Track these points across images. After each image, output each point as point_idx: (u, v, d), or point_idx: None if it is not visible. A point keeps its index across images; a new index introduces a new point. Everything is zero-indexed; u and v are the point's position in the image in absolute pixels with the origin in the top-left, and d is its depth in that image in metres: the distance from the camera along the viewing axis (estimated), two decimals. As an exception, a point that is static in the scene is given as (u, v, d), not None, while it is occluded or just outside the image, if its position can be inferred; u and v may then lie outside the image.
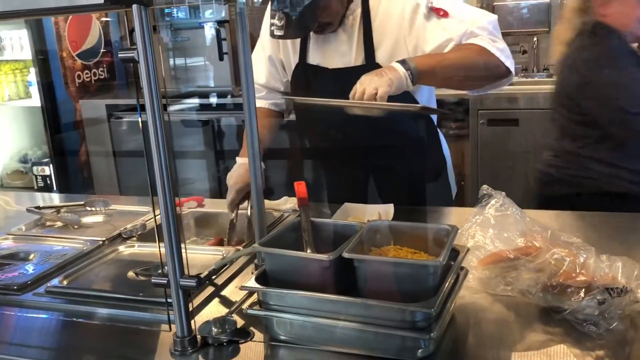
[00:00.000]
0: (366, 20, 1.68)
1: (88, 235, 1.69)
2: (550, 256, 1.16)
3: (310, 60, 1.78)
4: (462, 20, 1.61)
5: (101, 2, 0.94)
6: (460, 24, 1.61)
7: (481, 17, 1.64)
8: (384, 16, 1.67)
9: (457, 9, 1.64)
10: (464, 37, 1.60)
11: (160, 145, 1.01)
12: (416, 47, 1.64)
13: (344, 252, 1.03)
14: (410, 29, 1.64)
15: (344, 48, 1.73)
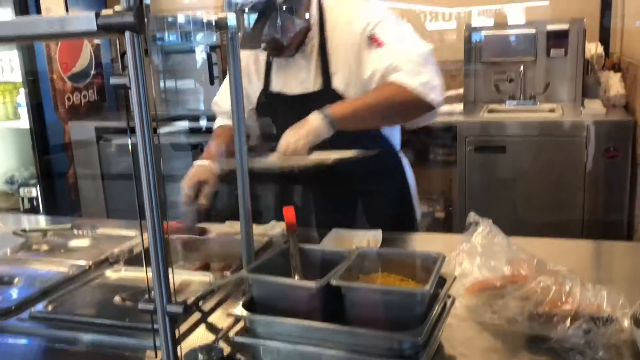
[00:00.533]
0: (323, 47, 1.77)
1: (74, 259, 1.67)
2: (537, 284, 1.17)
3: (272, 87, 1.87)
4: (394, 51, 1.65)
5: (94, 29, 0.95)
6: (389, 55, 1.65)
7: (413, 48, 1.68)
8: (339, 43, 1.75)
9: (394, 38, 1.68)
10: (389, 69, 1.64)
11: (150, 168, 1.01)
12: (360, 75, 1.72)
13: (332, 280, 1.03)
14: (356, 56, 1.72)
15: (303, 74, 1.81)
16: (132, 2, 0.93)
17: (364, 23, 1.71)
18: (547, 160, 3.06)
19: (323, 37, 1.77)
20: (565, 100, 3.49)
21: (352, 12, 1.77)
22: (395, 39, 1.67)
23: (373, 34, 1.68)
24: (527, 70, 3.52)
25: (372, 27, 1.69)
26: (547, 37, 3.47)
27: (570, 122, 3.04)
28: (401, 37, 1.70)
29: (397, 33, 1.70)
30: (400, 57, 1.64)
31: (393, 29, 1.70)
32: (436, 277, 1.05)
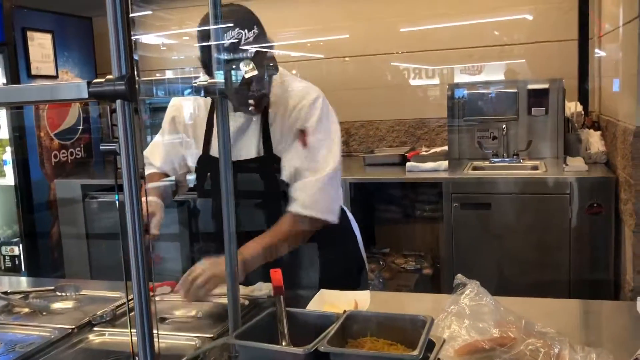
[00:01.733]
0: (265, 115, 1.84)
1: (57, 323, 1.64)
2: (525, 347, 1.17)
3: (212, 152, 1.90)
4: (309, 159, 1.79)
5: (85, 97, 0.97)
6: (304, 161, 1.79)
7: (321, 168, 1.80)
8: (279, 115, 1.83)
9: (317, 144, 1.81)
10: (297, 175, 1.80)
11: (138, 229, 1.01)
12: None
13: (321, 346, 1.02)
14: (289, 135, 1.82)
15: (245, 140, 1.86)
16: (124, 71, 0.95)
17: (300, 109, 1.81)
18: (532, 216, 3.09)
19: (267, 107, 1.84)
20: (547, 157, 3.55)
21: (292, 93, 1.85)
22: (317, 145, 1.81)
23: (304, 129, 1.80)
24: (510, 128, 3.60)
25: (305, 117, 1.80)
26: (528, 96, 3.56)
27: (553, 179, 3.09)
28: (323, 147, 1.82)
29: (321, 138, 1.82)
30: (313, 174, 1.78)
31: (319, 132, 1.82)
32: (425, 341, 1.05)
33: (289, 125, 1.82)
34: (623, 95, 2.78)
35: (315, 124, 1.82)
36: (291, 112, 1.83)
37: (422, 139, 4.12)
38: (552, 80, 3.51)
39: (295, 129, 1.82)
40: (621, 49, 2.84)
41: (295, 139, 1.82)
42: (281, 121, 1.83)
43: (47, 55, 4.07)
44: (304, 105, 1.83)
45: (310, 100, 1.84)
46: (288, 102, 1.85)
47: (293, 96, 1.85)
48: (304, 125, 1.81)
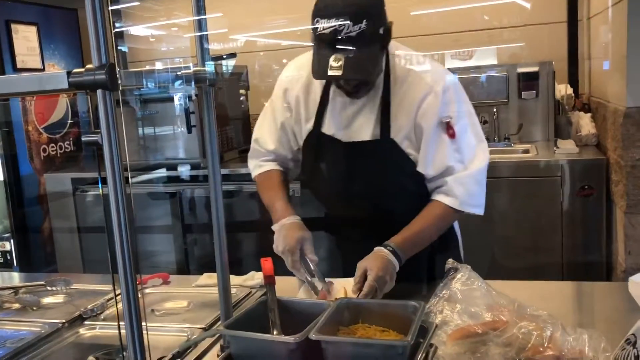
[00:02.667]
0: (386, 95, 1.69)
1: (47, 317, 1.63)
2: (518, 330, 1.16)
3: (325, 130, 1.76)
4: (458, 151, 1.67)
5: (65, 87, 0.94)
6: (454, 155, 1.66)
7: (473, 160, 1.68)
8: (404, 98, 1.68)
9: (465, 134, 1.68)
10: (448, 171, 1.67)
11: (123, 221, 0.99)
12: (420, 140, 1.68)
13: (311, 334, 1.01)
14: (421, 121, 1.66)
15: (361, 120, 1.72)
16: (104, 60, 0.93)
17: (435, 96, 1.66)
18: (524, 200, 3.09)
19: (387, 86, 1.69)
20: (538, 140, 3.55)
21: (421, 72, 1.71)
22: (466, 136, 1.68)
23: (449, 120, 1.66)
24: (500, 112, 3.59)
25: (445, 107, 1.66)
26: (518, 79, 3.55)
27: (545, 162, 3.09)
28: (469, 136, 1.70)
29: (467, 127, 1.69)
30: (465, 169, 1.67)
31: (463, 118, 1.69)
32: (417, 327, 1.04)
33: (420, 113, 1.66)
34: (613, 77, 2.78)
35: (457, 111, 1.67)
36: (421, 98, 1.66)
37: (413, 125, 4.11)
38: (542, 64, 3.50)
39: (436, 118, 1.65)
40: (610, 30, 2.83)
41: (439, 130, 1.66)
42: (408, 107, 1.67)
43: (33, 48, 4.02)
44: (439, 92, 1.66)
45: (444, 87, 1.67)
46: (416, 85, 1.68)
47: (423, 80, 1.68)
48: (445, 116, 1.65)
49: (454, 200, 1.67)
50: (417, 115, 1.66)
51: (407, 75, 1.69)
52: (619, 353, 1.07)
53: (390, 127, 1.69)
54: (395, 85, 1.69)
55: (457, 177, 1.67)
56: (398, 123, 1.68)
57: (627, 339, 1.07)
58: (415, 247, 1.64)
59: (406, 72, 1.70)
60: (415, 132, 1.68)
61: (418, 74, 1.70)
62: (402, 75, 1.69)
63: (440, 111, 1.65)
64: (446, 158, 1.67)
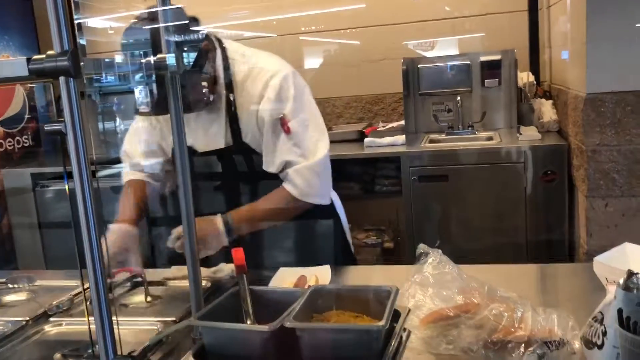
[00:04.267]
0: (230, 103, 1.76)
1: (10, 315, 1.58)
2: (489, 312, 1.18)
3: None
4: (297, 145, 1.74)
5: (25, 74, 0.91)
6: (292, 150, 1.74)
7: (313, 152, 1.77)
8: (244, 102, 1.75)
9: (302, 130, 1.75)
10: (288, 165, 1.76)
11: (90, 214, 0.97)
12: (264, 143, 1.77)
13: (286, 322, 1.01)
14: (261, 122, 1.75)
15: (213, 129, 1.79)
16: (67, 46, 0.90)
17: (270, 92, 1.73)
18: (489, 186, 3.14)
19: (231, 91, 1.76)
20: (502, 127, 3.61)
21: (257, 73, 1.76)
22: (302, 131, 1.76)
23: (283, 116, 1.72)
24: (464, 100, 3.63)
25: (279, 103, 1.73)
26: (481, 68, 3.59)
27: (508, 149, 3.14)
28: (308, 131, 1.78)
29: (304, 123, 1.77)
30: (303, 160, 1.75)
31: (300, 112, 1.76)
32: (391, 311, 1.04)
33: (260, 110, 1.73)
34: (573, 64, 2.83)
35: (293, 106, 1.73)
36: (259, 96, 1.72)
37: (378, 114, 4.13)
38: (504, 52, 3.55)
39: (269, 115, 1.72)
40: (569, 20, 2.88)
41: (273, 127, 1.72)
42: (248, 106, 1.74)
43: (-14, 39, 3.88)
44: (274, 87, 1.72)
45: (280, 80, 1.73)
46: (254, 84, 1.74)
47: (259, 78, 1.74)
48: (280, 112, 1.71)
49: (295, 190, 1.76)
50: (257, 119, 1.75)
51: (247, 78, 1.76)
52: (587, 330, 1.10)
53: (242, 131, 1.76)
54: (237, 90, 1.76)
55: (297, 168, 1.75)
56: (246, 128, 1.77)
57: (594, 317, 1.09)
58: (250, 222, 1.76)
59: (245, 75, 1.77)
60: (261, 134, 1.76)
61: (254, 76, 1.76)
62: (241, 79, 1.76)
63: (273, 109, 1.73)
64: (284, 153, 1.74)
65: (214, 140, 1.79)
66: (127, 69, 1.32)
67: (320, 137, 1.79)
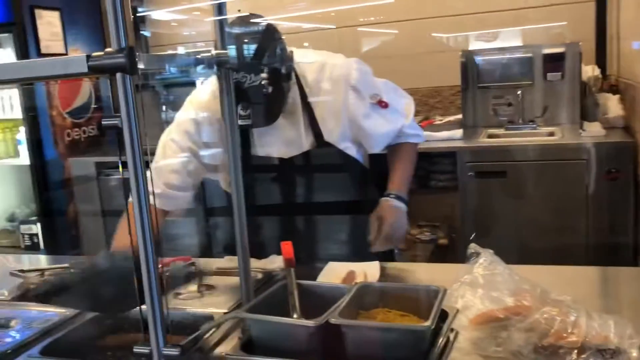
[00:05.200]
0: (307, 105, 1.77)
1: (72, 300, 1.65)
2: (541, 315, 1.15)
3: (256, 152, 1.82)
4: (396, 112, 1.88)
5: (85, 71, 0.95)
6: (396, 115, 1.87)
7: (405, 104, 1.92)
8: (325, 104, 1.78)
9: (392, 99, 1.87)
10: (402, 129, 1.89)
11: (144, 204, 1.00)
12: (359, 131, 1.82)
13: (331, 318, 1.01)
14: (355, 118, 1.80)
15: (292, 134, 1.78)
16: (123, 44, 0.93)
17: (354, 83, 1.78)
18: (549, 183, 3.04)
19: (304, 97, 1.77)
20: (564, 123, 3.48)
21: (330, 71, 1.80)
22: (390, 96, 1.87)
23: (377, 97, 1.82)
24: (525, 94, 3.53)
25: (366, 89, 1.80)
26: (544, 61, 3.48)
27: (570, 145, 3.03)
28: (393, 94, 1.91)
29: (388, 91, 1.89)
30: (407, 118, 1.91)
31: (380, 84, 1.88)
32: (437, 311, 1.03)
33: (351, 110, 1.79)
34: (642, 57, 2.70)
35: (376, 84, 1.86)
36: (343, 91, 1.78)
37: (435, 107, 4.06)
38: (568, 44, 3.42)
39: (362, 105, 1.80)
40: (641, 9, 2.75)
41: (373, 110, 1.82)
42: (331, 105, 1.78)
43: (56, 33, 4.05)
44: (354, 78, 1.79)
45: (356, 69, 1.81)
46: (331, 82, 1.78)
47: (334, 74, 1.79)
48: (374, 95, 1.82)
49: (417, 138, 1.94)
50: (349, 114, 1.79)
51: (319, 78, 1.78)
52: (646, 339, 1.05)
53: (322, 132, 1.78)
54: (311, 93, 1.77)
55: (407, 124, 1.89)
56: (329, 127, 1.78)
57: (653, 325, 1.05)
58: (408, 185, 1.86)
59: (316, 75, 1.78)
60: (352, 128, 1.81)
61: (328, 74, 1.79)
62: (313, 82, 1.78)
63: (367, 99, 1.80)
64: (393, 124, 1.85)
65: (295, 146, 1.80)
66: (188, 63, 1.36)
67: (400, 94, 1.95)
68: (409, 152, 1.93)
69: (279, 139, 1.79)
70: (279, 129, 1.77)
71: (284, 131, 1.78)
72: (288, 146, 1.80)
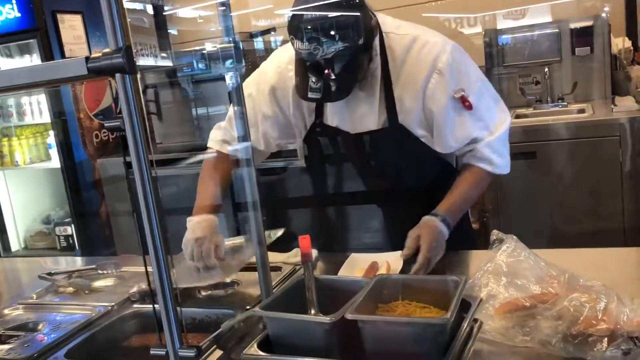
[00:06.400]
0: (387, 81, 1.61)
1: (99, 301, 1.67)
2: (569, 302, 1.10)
3: (329, 122, 1.71)
4: (481, 119, 1.63)
5: (85, 73, 0.94)
6: (476, 125, 1.62)
7: (498, 119, 1.65)
8: (407, 79, 1.61)
9: (482, 102, 1.62)
10: (474, 141, 1.64)
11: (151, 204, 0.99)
12: (432, 121, 1.63)
13: (347, 313, 0.99)
14: (431, 105, 1.61)
15: (364, 109, 1.65)
16: (120, 43, 0.91)
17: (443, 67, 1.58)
18: (581, 162, 2.95)
19: (386, 71, 1.61)
20: (594, 99, 3.37)
21: (421, 47, 1.61)
22: (483, 104, 1.63)
23: (462, 93, 1.59)
24: (553, 71, 3.43)
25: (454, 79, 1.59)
26: (571, 35, 3.37)
27: (602, 122, 2.93)
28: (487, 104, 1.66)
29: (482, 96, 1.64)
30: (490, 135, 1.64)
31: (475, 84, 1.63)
32: (457, 303, 1.00)
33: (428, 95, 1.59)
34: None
35: (469, 80, 1.61)
36: (428, 73, 1.58)
37: (461, 90, 3.97)
38: (595, 17, 3.30)
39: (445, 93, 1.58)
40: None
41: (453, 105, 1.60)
42: (413, 84, 1.60)
43: (79, 36, 4.10)
44: (446, 62, 1.58)
45: (451, 54, 1.59)
46: (419, 60, 1.60)
47: (424, 52, 1.59)
48: (459, 89, 1.59)
49: (489, 165, 1.64)
50: (425, 99, 1.60)
51: (406, 56, 1.61)
52: (681, 325, 1.00)
53: (398, 112, 1.62)
54: (394, 69, 1.61)
55: (487, 142, 1.63)
56: (405, 108, 1.62)
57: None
58: (460, 212, 1.63)
59: (404, 53, 1.61)
60: (426, 114, 1.62)
61: (416, 54, 1.60)
62: (400, 56, 1.61)
63: (449, 89, 1.58)
64: (469, 130, 1.62)
65: (364, 122, 1.66)
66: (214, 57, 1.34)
67: (497, 104, 1.68)
68: (476, 178, 1.66)
69: (351, 112, 1.66)
70: (352, 101, 1.64)
71: (357, 104, 1.65)
72: (358, 121, 1.67)
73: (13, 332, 1.54)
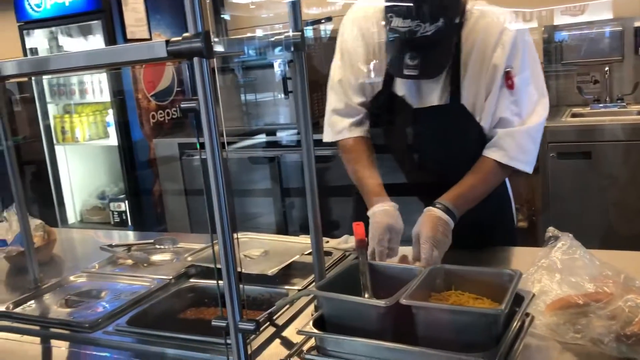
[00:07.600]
0: (456, 60, 1.61)
1: (157, 274, 1.74)
2: (624, 303, 1.10)
3: (396, 90, 1.69)
4: (516, 103, 1.59)
5: (164, 55, 0.99)
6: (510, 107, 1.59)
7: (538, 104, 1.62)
8: (475, 60, 1.60)
9: (524, 87, 1.59)
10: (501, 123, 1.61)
11: (220, 184, 1.03)
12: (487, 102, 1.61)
13: (402, 298, 1.01)
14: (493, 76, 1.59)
15: (431, 84, 1.64)
16: (199, 28, 0.96)
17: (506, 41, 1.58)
18: (637, 165, 2.88)
19: (458, 49, 1.60)
20: (656, 100, 3.28)
21: (489, 21, 1.60)
22: (525, 86, 1.61)
23: (510, 70, 1.57)
24: (614, 71, 3.34)
25: (511, 55, 1.57)
26: (635, 34, 3.27)
27: (663, 124, 2.85)
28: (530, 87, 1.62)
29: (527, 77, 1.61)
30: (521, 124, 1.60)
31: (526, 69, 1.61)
32: (512, 295, 1.01)
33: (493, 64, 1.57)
34: None
35: (521, 61, 1.59)
36: (493, 46, 1.57)
37: (516, 86, 3.92)
38: (663, 16, 3.20)
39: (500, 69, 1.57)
40: None
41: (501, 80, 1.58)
42: (479, 59, 1.58)
43: (141, 19, 4.21)
44: (510, 37, 1.57)
45: (516, 30, 1.58)
46: (487, 34, 1.58)
47: (492, 26, 1.59)
48: (508, 65, 1.57)
49: (503, 155, 1.59)
50: (489, 68, 1.58)
51: (476, 30, 1.59)
52: None
53: (461, 92, 1.61)
54: (466, 43, 1.60)
55: (510, 130, 1.59)
56: (469, 88, 1.61)
57: None
58: (467, 202, 1.56)
59: (474, 26, 1.59)
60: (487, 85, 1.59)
61: (486, 24, 1.59)
62: (471, 31, 1.59)
63: (506, 61, 1.56)
64: (501, 109, 1.59)
65: (429, 96, 1.65)
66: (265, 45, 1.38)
67: (540, 99, 1.64)
68: (486, 167, 1.62)
69: (418, 84, 1.65)
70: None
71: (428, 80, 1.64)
72: (424, 95, 1.66)
73: (78, 298, 1.64)
